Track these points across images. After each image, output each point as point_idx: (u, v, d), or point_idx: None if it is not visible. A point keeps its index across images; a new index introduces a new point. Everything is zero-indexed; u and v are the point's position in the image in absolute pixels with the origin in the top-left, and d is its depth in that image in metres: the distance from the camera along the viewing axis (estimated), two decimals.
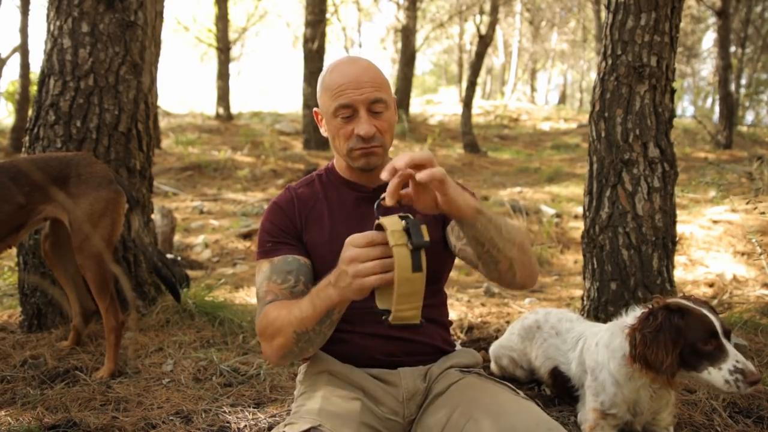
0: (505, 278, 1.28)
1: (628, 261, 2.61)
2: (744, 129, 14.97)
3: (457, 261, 1.52)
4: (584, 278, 2.80)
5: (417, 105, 20.95)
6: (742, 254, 4.40)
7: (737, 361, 1.43)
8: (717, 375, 1.45)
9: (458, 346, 1.55)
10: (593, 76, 4.26)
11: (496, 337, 2.53)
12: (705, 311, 1.50)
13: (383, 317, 1.06)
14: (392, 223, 1.04)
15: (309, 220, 1.43)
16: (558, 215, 6.07)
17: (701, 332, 1.47)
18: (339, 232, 1.38)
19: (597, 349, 1.77)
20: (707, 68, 24.29)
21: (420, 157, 1.07)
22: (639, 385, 1.64)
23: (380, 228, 1.07)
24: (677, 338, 1.48)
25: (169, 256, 3.80)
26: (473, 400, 1.29)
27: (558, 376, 1.98)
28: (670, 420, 1.74)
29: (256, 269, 1.42)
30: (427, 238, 1.01)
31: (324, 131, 1.43)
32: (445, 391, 1.36)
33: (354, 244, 1.08)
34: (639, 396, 1.66)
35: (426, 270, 1.01)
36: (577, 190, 7.63)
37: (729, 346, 1.46)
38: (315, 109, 1.44)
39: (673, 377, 1.51)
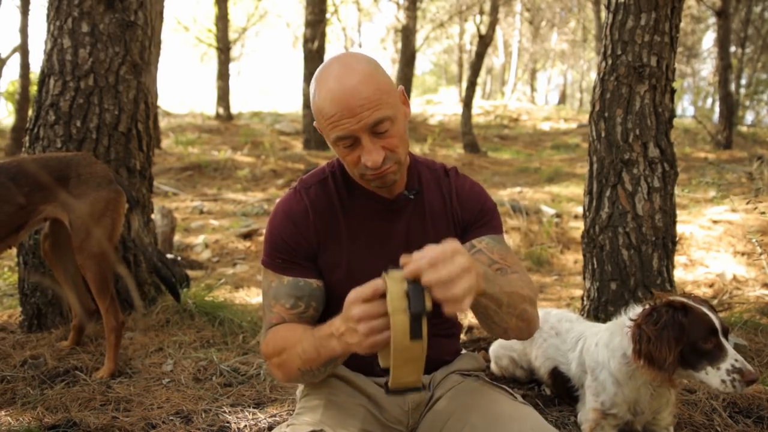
0: (498, 336, 1.29)
1: (628, 261, 2.61)
2: (744, 129, 14.98)
3: None
4: (584, 278, 2.80)
5: (417, 105, 20.96)
6: (742, 254, 4.40)
7: (736, 360, 1.42)
8: (714, 375, 1.44)
9: (463, 351, 1.53)
10: (593, 76, 4.25)
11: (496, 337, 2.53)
12: (705, 309, 1.50)
13: (385, 382, 1.02)
14: (394, 286, 0.96)
15: (326, 239, 1.32)
16: (558, 215, 6.07)
17: (702, 330, 1.47)
18: (358, 254, 1.32)
19: (597, 349, 1.77)
20: (707, 68, 24.31)
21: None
22: (639, 384, 1.64)
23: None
24: (680, 336, 1.48)
25: (169, 256, 3.80)
26: (470, 405, 1.28)
27: (558, 376, 1.98)
28: (670, 420, 1.74)
29: (263, 276, 1.35)
30: (428, 304, 0.94)
31: (328, 141, 1.27)
32: (443, 396, 1.34)
33: (360, 299, 1.00)
34: (639, 395, 1.66)
35: (426, 336, 0.95)
36: (577, 190, 7.64)
37: (728, 345, 1.46)
38: (315, 123, 1.27)
39: (673, 375, 1.51)
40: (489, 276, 1.09)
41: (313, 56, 10.78)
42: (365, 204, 1.34)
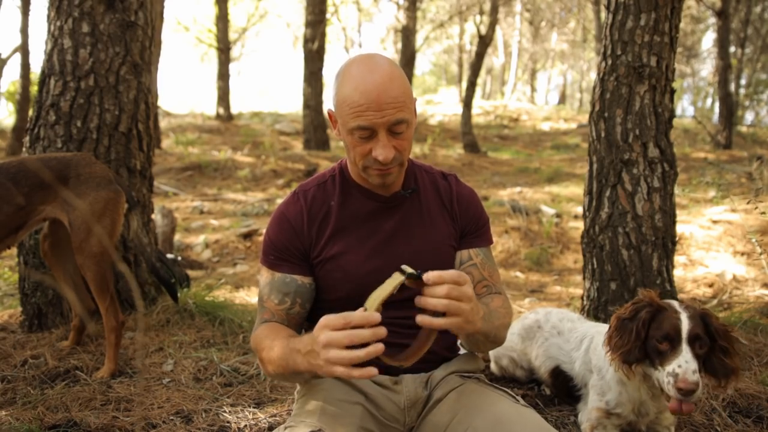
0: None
1: (627, 261, 2.61)
2: (744, 129, 14.99)
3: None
4: (584, 278, 2.80)
5: (417, 105, 20.88)
6: (742, 254, 4.41)
7: (679, 366, 1.44)
8: (661, 373, 1.49)
9: (461, 350, 1.54)
10: (593, 76, 4.26)
11: None
12: (683, 315, 1.50)
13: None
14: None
15: (319, 234, 1.38)
16: (558, 215, 6.07)
17: (661, 331, 1.51)
18: (349, 245, 1.37)
19: (605, 348, 1.77)
20: (707, 68, 24.33)
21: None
22: (643, 384, 1.64)
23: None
24: (640, 331, 1.54)
25: (169, 256, 3.81)
26: (472, 407, 1.29)
27: (559, 376, 1.98)
28: (672, 419, 1.73)
29: (260, 274, 1.43)
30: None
31: (335, 133, 1.35)
32: (444, 398, 1.36)
33: (330, 327, 1.05)
34: (641, 395, 1.66)
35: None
36: (577, 190, 7.64)
37: (686, 351, 1.46)
38: (329, 110, 1.35)
39: (628, 365, 1.56)
40: (487, 317, 1.22)
41: (313, 56, 10.77)
42: (362, 201, 1.41)
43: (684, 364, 1.44)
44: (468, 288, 1.08)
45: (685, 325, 1.49)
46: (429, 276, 1.06)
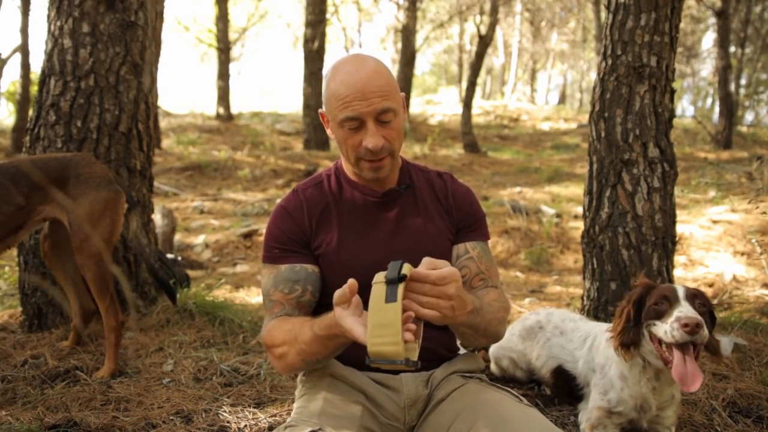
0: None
1: (628, 261, 2.61)
2: (744, 129, 14.99)
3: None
4: (584, 278, 2.80)
5: (417, 105, 20.96)
6: (742, 254, 4.41)
7: (680, 312, 1.48)
8: (660, 327, 1.53)
9: (461, 351, 1.54)
10: (593, 76, 4.26)
11: None
12: (676, 287, 1.58)
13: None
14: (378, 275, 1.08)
15: (318, 227, 1.42)
16: (558, 215, 6.07)
17: (657, 296, 1.57)
18: (347, 239, 1.39)
19: (608, 345, 1.77)
20: (707, 68, 24.31)
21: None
22: (641, 377, 1.65)
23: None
24: (630, 311, 1.61)
25: (169, 256, 3.81)
26: (475, 407, 1.29)
27: (561, 375, 1.98)
28: (674, 419, 1.73)
29: (262, 272, 1.43)
30: (404, 272, 1.03)
31: (330, 133, 1.40)
32: (447, 398, 1.36)
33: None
34: (643, 389, 1.66)
35: (401, 302, 1.01)
36: (577, 190, 7.64)
37: (684, 304, 1.51)
38: (321, 110, 1.40)
39: (625, 348, 1.60)
40: (476, 311, 1.22)
41: (314, 56, 10.77)
42: (358, 197, 1.44)
43: (684, 310, 1.49)
44: (449, 288, 1.08)
45: (681, 288, 1.57)
46: (412, 274, 1.07)
